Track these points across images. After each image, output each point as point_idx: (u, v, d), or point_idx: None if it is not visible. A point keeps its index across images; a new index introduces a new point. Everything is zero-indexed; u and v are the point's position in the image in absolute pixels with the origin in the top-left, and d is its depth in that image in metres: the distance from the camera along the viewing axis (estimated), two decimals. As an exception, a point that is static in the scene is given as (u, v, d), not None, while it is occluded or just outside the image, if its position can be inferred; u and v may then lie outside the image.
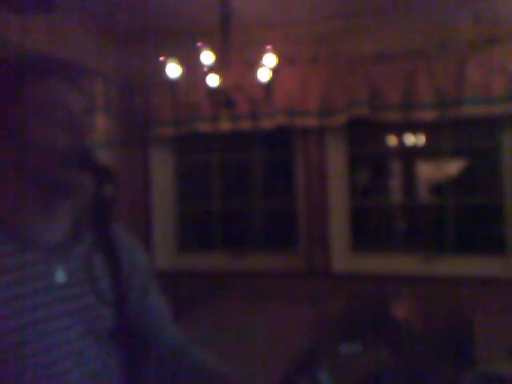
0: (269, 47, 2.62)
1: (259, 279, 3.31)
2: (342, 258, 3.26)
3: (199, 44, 2.59)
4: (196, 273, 3.50)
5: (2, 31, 2.42)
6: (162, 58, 2.67)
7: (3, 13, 2.39)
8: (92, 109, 3.02)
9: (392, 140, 3.50)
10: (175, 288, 3.19)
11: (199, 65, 2.66)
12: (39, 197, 0.87)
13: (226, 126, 3.30)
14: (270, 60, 2.66)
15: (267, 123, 3.23)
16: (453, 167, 3.33)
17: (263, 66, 2.67)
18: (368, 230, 3.54)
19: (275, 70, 2.67)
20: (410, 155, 3.45)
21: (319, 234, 3.22)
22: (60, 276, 0.86)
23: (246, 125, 3.27)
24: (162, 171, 3.69)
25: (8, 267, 0.82)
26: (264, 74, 2.70)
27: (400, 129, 3.37)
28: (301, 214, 3.37)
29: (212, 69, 2.61)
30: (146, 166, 3.58)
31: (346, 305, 2.94)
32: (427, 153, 3.44)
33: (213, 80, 2.67)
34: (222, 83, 2.65)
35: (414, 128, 3.34)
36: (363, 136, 3.40)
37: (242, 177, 3.74)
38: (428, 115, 2.99)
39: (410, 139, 3.45)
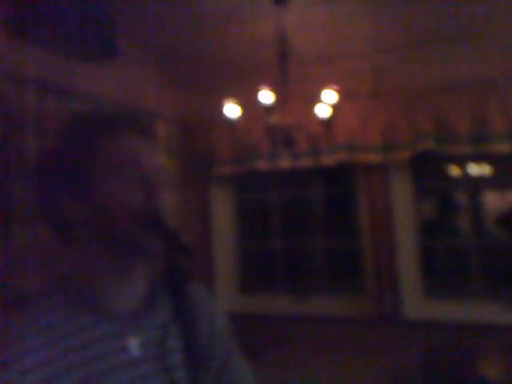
0: (328, 83, 2.57)
1: (323, 324, 3.14)
2: (414, 302, 3.04)
3: (259, 85, 2.58)
4: (258, 315, 3.39)
5: (70, 81, 2.53)
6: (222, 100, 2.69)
7: (70, 62, 2.51)
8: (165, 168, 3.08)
9: (460, 171, 3.29)
10: (236, 332, 3.10)
11: (258, 103, 2.65)
12: (115, 263, 0.83)
13: (285, 163, 3.25)
14: (329, 95, 2.60)
15: (327, 160, 3.15)
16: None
17: (322, 101, 2.61)
18: (440, 272, 3.30)
19: (335, 106, 2.60)
20: (481, 187, 3.22)
21: (387, 276, 3.03)
22: (135, 349, 0.81)
23: (305, 162, 3.20)
24: (223, 210, 3.67)
25: (84, 343, 0.78)
26: (323, 110, 2.64)
27: (469, 160, 3.17)
28: (366, 253, 3.21)
29: (271, 107, 2.59)
30: (207, 204, 3.58)
31: (422, 357, 2.71)
32: (498, 184, 3.20)
33: (272, 118, 2.64)
34: (281, 121, 2.62)
35: (484, 158, 3.13)
36: (430, 168, 3.22)
37: (303, 214, 3.65)
38: (502, 147, 2.78)
39: (480, 170, 3.24)
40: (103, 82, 2.75)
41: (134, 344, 0.81)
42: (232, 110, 2.83)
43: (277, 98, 2.58)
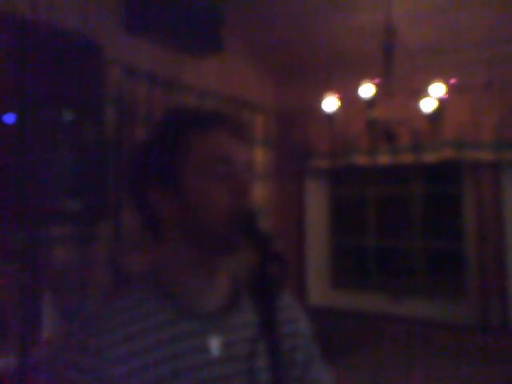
0: (436, 76, 2.43)
1: (420, 328, 3.00)
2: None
3: (361, 78, 2.52)
4: (349, 312, 3.33)
5: (178, 74, 2.65)
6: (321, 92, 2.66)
7: (178, 57, 2.62)
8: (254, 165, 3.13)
9: None
10: (327, 327, 3.07)
11: (359, 97, 2.58)
12: (201, 261, 0.83)
13: (384, 159, 3.14)
14: (437, 89, 2.46)
15: (431, 157, 2.98)
16: None
17: (429, 95, 2.48)
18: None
19: (443, 99, 2.46)
20: None
21: (495, 282, 2.81)
22: (216, 350, 0.81)
23: (406, 158, 3.06)
24: (317, 203, 3.64)
25: (164, 339, 0.78)
26: (429, 104, 2.51)
27: None
28: (471, 257, 3.01)
29: (372, 100, 2.51)
30: (301, 198, 3.57)
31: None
32: None
33: (373, 112, 2.56)
34: (382, 115, 2.53)
35: None
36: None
37: (400, 213, 3.50)
38: None
39: None
40: (208, 75, 2.84)
41: (214, 344, 0.81)
42: (331, 103, 2.79)
43: (379, 91, 2.49)
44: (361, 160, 3.21)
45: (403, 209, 3.46)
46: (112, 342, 0.74)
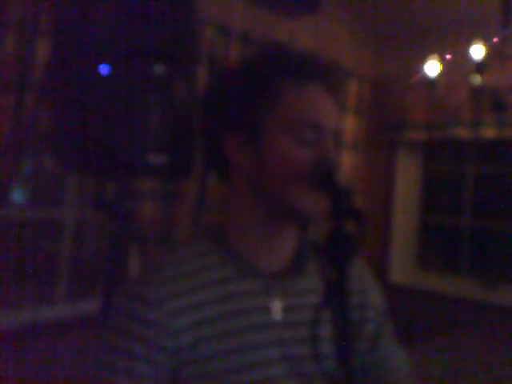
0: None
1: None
2: None
3: (468, 40, 2.28)
4: (434, 294, 3.16)
5: (272, 34, 2.58)
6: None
7: (273, 16, 2.55)
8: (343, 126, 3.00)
9: None
10: (410, 308, 2.94)
11: (463, 61, 2.35)
12: (267, 220, 0.77)
13: (489, 133, 2.87)
14: (561, 53, 2.17)
15: (545, 132, 2.67)
16: None
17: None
18: None
19: None
20: None
21: None
22: (278, 312, 0.76)
23: (516, 132, 2.78)
24: (407, 178, 3.45)
25: (225, 295, 0.75)
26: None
27: None
28: None
29: (481, 64, 2.27)
30: (391, 171, 3.40)
31: None
32: None
33: (479, 78, 2.32)
34: (491, 81, 2.28)
35: None
36: None
37: (503, 193, 3.21)
38: None
39: None
40: (302, 36, 2.74)
41: (277, 307, 0.76)
42: (432, 68, 2.58)
43: (490, 53, 2.24)
44: (461, 133, 2.96)
45: (506, 189, 3.16)
46: (172, 294, 0.72)
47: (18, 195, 2.13)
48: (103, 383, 0.71)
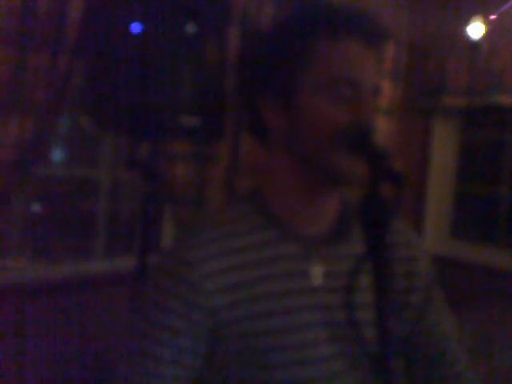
0: None
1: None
2: None
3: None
4: (470, 264, 3.10)
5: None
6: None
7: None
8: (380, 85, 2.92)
9: None
10: (443, 278, 2.91)
11: (509, 23, 2.24)
12: (306, 183, 0.77)
13: (534, 98, 2.74)
14: None
15: None
16: None
17: None
18: None
19: None
20: None
21: None
22: (318, 277, 0.76)
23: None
24: (444, 147, 3.35)
25: (264, 258, 0.75)
26: None
27: None
28: None
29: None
30: (427, 138, 3.31)
31: None
32: None
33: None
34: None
35: None
36: None
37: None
38: None
39: None
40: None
41: (317, 272, 0.76)
42: (476, 30, 2.47)
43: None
44: (504, 100, 2.83)
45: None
46: (207, 256, 0.73)
47: (56, 154, 2.19)
48: (144, 337, 0.73)
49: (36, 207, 2.18)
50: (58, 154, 2.20)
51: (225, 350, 0.73)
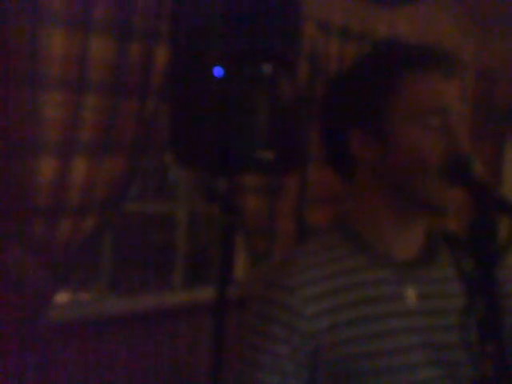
0: None
1: None
2: None
3: None
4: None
5: (371, 27, 2.55)
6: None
7: (372, 8, 2.52)
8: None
9: None
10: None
11: None
12: (398, 211, 0.79)
13: None
14: None
15: None
16: None
17: None
18: None
19: None
20: None
21: None
22: (412, 300, 0.77)
23: None
24: (517, 170, 3.24)
25: (358, 283, 0.77)
26: None
27: None
28: None
29: None
30: (499, 163, 3.21)
31: None
32: None
33: None
34: None
35: None
36: None
37: None
38: None
39: None
40: (402, 26, 2.67)
41: (411, 294, 0.77)
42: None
43: None
44: None
45: None
46: (305, 282, 0.76)
47: (139, 190, 2.32)
48: (249, 363, 0.77)
49: (120, 242, 2.30)
50: (139, 190, 2.33)
51: (324, 373, 0.75)
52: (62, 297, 2.09)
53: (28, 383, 1.69)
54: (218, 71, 1.68)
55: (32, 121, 1.60)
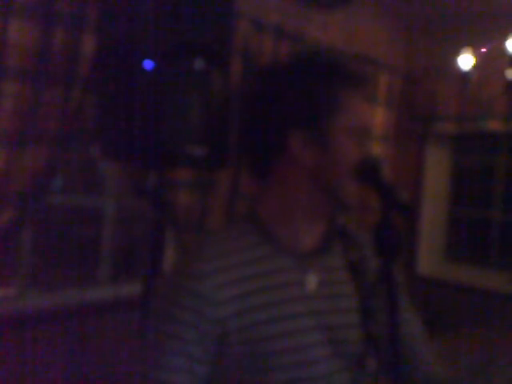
0: None
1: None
2: None
3: (504, 32, 2.28)
4: (463, 287, 3.17)
5: (304, 28, 2.60)
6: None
7: (306, 9, 2.57)
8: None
9: None
10: (437, 300, 2.96)
11: (498, 55, 2.35)
12: (317, 206, 0.86)
13: (522, 125, 2.85)
14: None
15: None
16: None
17: None
18: None
19: None
20: None
21: None
22: (312, 286, 0.84)
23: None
24: (437, 170, 3.45)
25: (263, 271, 0.82)
26: None
27: None
28: None
29: (516, 58, 2.27)
30: (420, 163, 3.40)
31: None
32: None
33: (514, 72, 2.32)
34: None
35: None
36: None
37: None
38: None
39: None
40: (334, 29, 2.76)
41: (311, 281, 0.84)
42: (466, 60, 2.58)
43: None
44: (494, 125, 2.95)
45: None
46: (214, 269, 0.80)
47: (62, 183, 2.23)
48: (157, 347, 0.80)
49: (42, 235, 2.20)
50: (63, 182, 2.24)
51: (228, 356, 0.79)
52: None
53: None
54: (148, 64, 1.65)
55: None
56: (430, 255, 3.43)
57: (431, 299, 3.06)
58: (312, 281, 0.84)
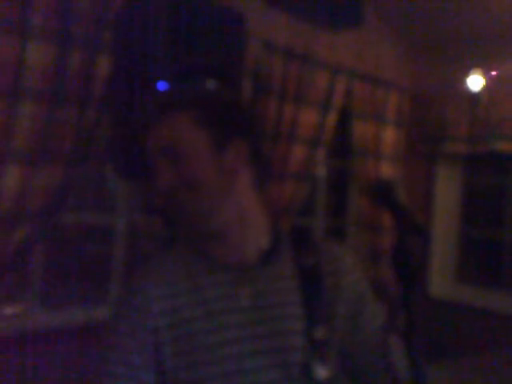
0: None
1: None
2: None
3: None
4: (475, 309, 3.12)
5: (313, 49, 2.64)
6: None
7: (315, 30, 2.61)
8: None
9: None
10: (449, 322, 2.92)
11: (508, 75, 2.36)
12: (235, 221, 0.88)
13: (532, 146, 2.84)
14: None
15: None
16: None
17: None
18: None
19: None
20: None
21: None
22: (245, 298, 0.86)
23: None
24: (447, 191, 3.43)
25: (199, 286, 0.86)
26: None
27: None
28: None
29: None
30: (430, 183, 3.39)
31: None
32: None
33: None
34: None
35: None
36: None
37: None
38: None
39: None
40: (343, 49, 2.79)
41: (245, 293, 0.86)
42: (475, 81, 2.59)
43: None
44: (505, 146, 2.94)
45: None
46: (149, 284, 0.86)
47: (76, 201, 2.25)
48: (104, 359, 0.84)
49: (53, 253, 2.22)
50: (78, 201, 2.26)
51: (168, 365, 0.82)
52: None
53: None
54: (161, 85, 1.69)
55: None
56: (441, 276, 3.39)
57: (443, 322, 3.02)
58: (245, 293, 0.86)
